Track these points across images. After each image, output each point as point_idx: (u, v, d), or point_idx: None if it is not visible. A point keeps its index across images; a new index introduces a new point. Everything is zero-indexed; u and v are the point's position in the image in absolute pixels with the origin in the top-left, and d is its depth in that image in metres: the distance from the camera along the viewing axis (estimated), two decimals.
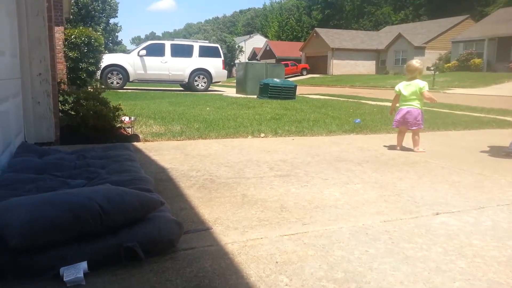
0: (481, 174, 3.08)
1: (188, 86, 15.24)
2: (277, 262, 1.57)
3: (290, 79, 21.76)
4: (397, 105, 4.11)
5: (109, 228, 1.52)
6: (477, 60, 30.93)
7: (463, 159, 3.60)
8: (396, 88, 4.07)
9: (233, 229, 1.89)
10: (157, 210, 1.72)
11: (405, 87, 3.97)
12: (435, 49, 36.66)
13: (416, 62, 4.00)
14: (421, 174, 3.04)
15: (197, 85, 15.18)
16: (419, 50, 35.93)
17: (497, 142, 4.44)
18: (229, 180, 2.74)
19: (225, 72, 16.14)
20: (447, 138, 4.91)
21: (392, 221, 2.04)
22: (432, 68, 21.48)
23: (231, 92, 14.52)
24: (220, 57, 15.61)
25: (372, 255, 1.66)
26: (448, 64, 32.98)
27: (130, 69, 14.25)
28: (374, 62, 42.65)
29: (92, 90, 4.75)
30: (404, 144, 4.05)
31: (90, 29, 11.77)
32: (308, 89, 19.47)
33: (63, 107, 4.45)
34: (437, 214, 2.16)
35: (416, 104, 3.91)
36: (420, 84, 3.87)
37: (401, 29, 41.14)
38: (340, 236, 1.84)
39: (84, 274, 1.38)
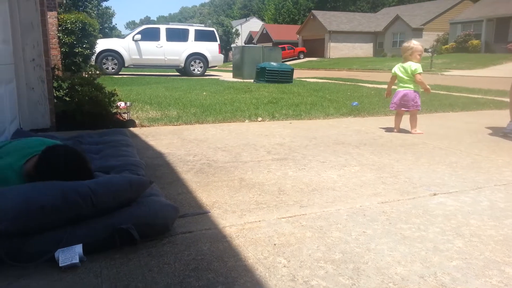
0: (478, 155, 3.08)
1: (184, 70, 15.11)
2: (275, 244, 1.58)
3: (287, 63, 21.62)
4: (394, 87, 4.08)
5: (101, 209, 1.52)
6: (475, 41, 30.72)
7: (461, 140, 3.60)
8: (393, 70, 4.05)
9: (231, 213, 1.89)
10: (150, 194, 1.72)
11: (400, 68, 3.94)
12: (433, 31, 36.34)
13: (407, 42, 3.96)
14: (419, 155, 3.04)
15: (193, 69, 15.05)
16: (417, 32, 35.62)
17: (495, 123, 4.44)
18: (227, 164, 2.73)
19: (222, 56, 15.98)
20: (444, 119, 4.90)
21: (390, 202, 2.04)
22: (429, 50, 21.34)
23: (227, 76, 14.42)
24: (216, 41, 15.44)
25: (370, 235, 1.66)
26: (446, 46, 32.76)
27: (125, 54, 14.09)
28: (371, 44, 42.32)
29: (87, 75, 4.70)
30: (401, 126, 4.04)
31: (85, 14, 11.60)
32: (306, 73, 19.35)
33: (57, 93, 4.41)
34: (435, 194, 2.16)
35: (412, 86, 3.89)
36: (412, 66, 3.84)
37: (398, 11, 40.70)
38: (337, 218, 1.84)
39: (80, 260, 1.38)
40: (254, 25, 62.96)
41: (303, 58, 42.16)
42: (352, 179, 2.44)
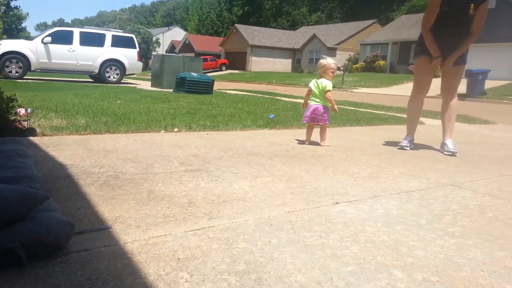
0: (377, 166, 3.34)
1: (98, 77, 14.35)
2: (179, 259, 1.53)
3: (210, 74, 21.67)
4: (309, 101, 4.29)
5: None
6: (381, 62, 33.74)
7: (363, 153, 3.88)
8: (309, 84, 4.27)
9: (135, 227, 1.80)
10: (45, 209, 1.57)
11: (314, 84, 4.17)
12: (346, 51, 39.20)
13: (322, 59, 4.20)
14: (326, 166, 3.21)
15: (109, 76, 14.37)
16: (332, 51, 38.13)
17: (394, 137, 4.87)
18: (136, 176, 2.62)
19: (140, 64, 15.50)
20: (351, 133, 5.26)
21: (296, 212, 2.11)
22: (341, 68, 22.95)
23: (146, 85, 13.99)
24: (135, 48, 14.95)
25: (274, 245, 1.70)
26: (356, 65, 35.50)
27: (32, 57, 12.99)
28: (290, 60, 44.27)
29: None
30: (312, 138, 4.24)
31: None
32: (227, 85, 19.55)
33: None
34: (337, 203, 2.29)
35: (322, 101, 4.12)
36: (323, 83, 4.08)
37: (315, 30, 43.23)
38: (245, 229, 1.86)
39: None
40: (176, 34, 62.26)
41: (225, 70, 42.59)
42: (263, 189, 2.49)
